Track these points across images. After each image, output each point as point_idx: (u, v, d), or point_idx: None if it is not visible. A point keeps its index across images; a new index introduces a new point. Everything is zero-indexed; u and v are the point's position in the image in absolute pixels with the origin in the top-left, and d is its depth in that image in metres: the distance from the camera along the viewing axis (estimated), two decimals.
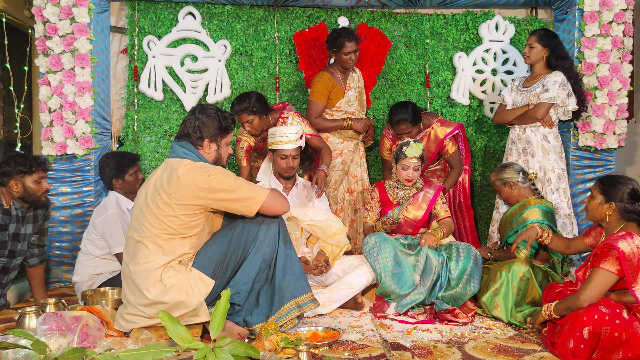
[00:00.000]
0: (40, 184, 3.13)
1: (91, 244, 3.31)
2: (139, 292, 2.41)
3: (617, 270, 2.30)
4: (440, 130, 3.85)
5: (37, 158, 3.16)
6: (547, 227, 3.07)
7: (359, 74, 4.04)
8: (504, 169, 3.29)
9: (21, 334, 1.87)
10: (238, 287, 2.55)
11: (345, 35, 3.74)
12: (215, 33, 4.26)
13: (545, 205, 3.16)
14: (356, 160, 3.96)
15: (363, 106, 4.03)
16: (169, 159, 2.54)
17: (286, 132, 3.29)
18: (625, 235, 2.32)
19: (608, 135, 4.02)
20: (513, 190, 3.23)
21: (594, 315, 2.22)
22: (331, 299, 3.03)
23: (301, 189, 3.50)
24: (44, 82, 3.80)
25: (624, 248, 2.28)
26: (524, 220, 3.12)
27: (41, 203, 3.20)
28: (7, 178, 3.06)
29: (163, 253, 2.42)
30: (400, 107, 3.74)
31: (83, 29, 3.77)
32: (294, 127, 3.34)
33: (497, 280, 2.95)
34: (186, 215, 2.42)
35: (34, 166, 3.10)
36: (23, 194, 3.10)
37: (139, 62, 4.21)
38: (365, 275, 3.13)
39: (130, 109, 4.23)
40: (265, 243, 2.55)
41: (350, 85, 3.92)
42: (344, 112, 3.92)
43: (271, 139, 3.34)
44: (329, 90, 3.84)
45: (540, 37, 3.66)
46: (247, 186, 2.48)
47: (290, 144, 3.29)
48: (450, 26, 4.40)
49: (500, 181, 3.26)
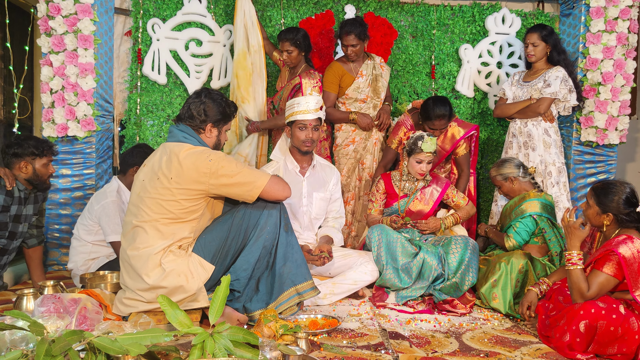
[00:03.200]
0: (48, 167, 3.13)
1: (84, 229, 3.28)
2: (138, 277, 2.40)
3: (617, 274, 2.31)
4: (457, 130, 3.77)
5: (47, 141, 3.15)
6: (545, 220, 3.10)
7: (377, 62, 3.95)
8: (503, 164, 3.30)
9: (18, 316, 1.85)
10: (238, 274, 2.54)
11: (345, 28, 3.71)
12: (220, 17, 4.23)
13: (545, 198, 3.17)
14: (368, 148, 3.94)
15: (378, 93, 3.92)
16: (168, 142, 2.53)
17: (305, 101, 3.11)
18: (625, 239, 2.32)
19: (610, 131, 4.03)
20: (514, 185, 3.25)
21: (591, 309, 2.23)
22: (333, 292, 3.02)
23: (318, 170, 3.34)
24: (46, 62, 3.78)
25: (624, 253, 2.29)
26: (522, 212, 3.15)
27: (46, 186, 3.20)
28: (17, 159, 3.04)
29: (162, 237, 2.41)
30: (440, 103, 3.59)
31: (87, 10, 3.74)
32: (314, 97, 3.19)
33: (496, 271, 2.97)
34: (186, 200, 2.41)
35: (46, 149, 3.10)
36: (31, 176, 3.09)
37: (143, 45, 4.19)
38: (371, 273, 3.09)
39: (133, 92, 4.22)
40: (266, 230, 2.54)
41: (363, 72, 3.87)
42: (354, 99, 3.89)
43: (289, 110, 3.16)
44: (339, 79, 3.84)
45: (542, 34, 3.67)
46: (248, 171, 2.47)
47: (310, 113, 3.10)
48: (457, 17, 4.38)
49: (501, 176, 3.28)
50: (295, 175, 3.26)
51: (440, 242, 3.22)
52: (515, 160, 3.32)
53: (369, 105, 3.91)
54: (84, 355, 1.75)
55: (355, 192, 3.95)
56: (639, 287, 2.27)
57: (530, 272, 2.96)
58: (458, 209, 3.44)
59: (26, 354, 1.72)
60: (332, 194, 3.33)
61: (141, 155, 3.21)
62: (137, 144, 3.57)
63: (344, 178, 3.91)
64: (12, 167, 3.06)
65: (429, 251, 3.11)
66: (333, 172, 3.37)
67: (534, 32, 3.70)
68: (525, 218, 3.14)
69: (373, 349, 2.29)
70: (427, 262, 3.07)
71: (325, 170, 3.36)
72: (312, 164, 3.30)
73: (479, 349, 2.33)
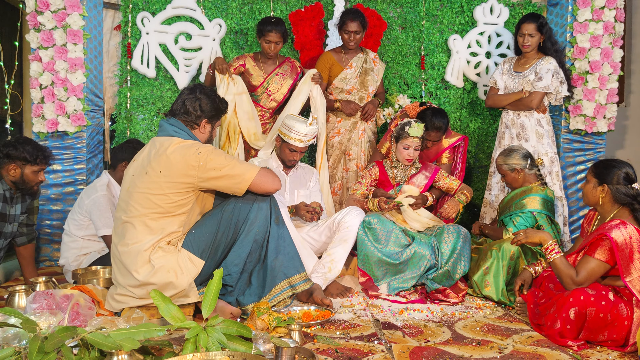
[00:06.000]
0: (38, 175, 3.07)
1: (74, 224, 3.25)
2: (128, 273, 2.40)
3: (609, 259, 2.32)
4: (444, 140, 3.77)
5: (44, 150, 3.09)
6: (545, 217, 3.10)
7: (370, 57, 3.99)
8: (511, 154, 3.25)
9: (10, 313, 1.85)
10: (229, 269, 2.54)
11: (350, 15, 3.78)
12: (210, 11, 4.21)
13: (547, 194, 3.17)
14: (353, 139, 3.96)
15: (366, 86, 3.96)
16: (157, 137, 2.52)
17: (302, 132, 3.18)
18: (619, 224, 2.33)
19: (598, 119, 4.05)
20: (519, 176, 3.22)
21: (580, 297, 2.25)
22: (333, 260, 3.01)
23: (300, 171, 3.47)
24: (35, 58, 3.75)
25: (617, 238, 2.29)
26: (523, 207, 3.14)
27: (32, 192, 3.16)
28: (8, 160, 2.99)
29: (151, 232, 2.41)
30: (439, 115, 3.59)
31: (75, 5, 3.71)
32: (311, 127, 3.21)
33: (488, 259, 2.99)
34: (175, 194, 2.41)
35: (40, 158, 3.04)
36: (18, 180, 3.04)
37: (133, 39, 4.16)
38: (358, 214, 3.13)
39: (123, 87, 4.20)
40: (257, 224, 2.54)
41: (352, 64, 3.92)
42: (341, 89, 3.93)
43: (285, 130, 3.23)
44: (328, 68, 3.90)
45: (540, 24, 3.64)
46: (237, 163, 2.46)
47: (303, 143, 3.22)
48: (445, 8, 4.38)
49: (507, 166, 3.23)
50: (279, 172, 3.36)
51: (433, 231, 3.24)
52: (523, 150, 3.27)
53: (354, 97, 3.95)
54: (77, 352, 1.76)
55: (343, 183, 3.98)
56: (630, 273, 2.27)
57: (522, 259, 2.98)
58: (452, 192, 3.45)
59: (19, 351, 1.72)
60: (311, 191, 3.43)
61: (131, 151, 3.20)
62: (128, 139, 3.55)
63: (330, 169, 3.95)
64: (1, 167, 3.02)
65: (422, 242, 3.12)
66: (312, 172, 3.52)
67: (531, 22, 3.65)
68: (526, 213, 3.13)
69: (366, 339, 2.30)
70: (418, 253, 3.08)
71: (306, 170, 3.50)
72: (297, 166, 3.44)
73: (472, 338, 2.35)
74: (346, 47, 3.90)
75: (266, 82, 3.87)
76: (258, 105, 3.91)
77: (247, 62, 3.86)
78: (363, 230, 3.12)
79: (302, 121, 3.21)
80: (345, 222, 3.11)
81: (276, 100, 3.92)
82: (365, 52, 3.99)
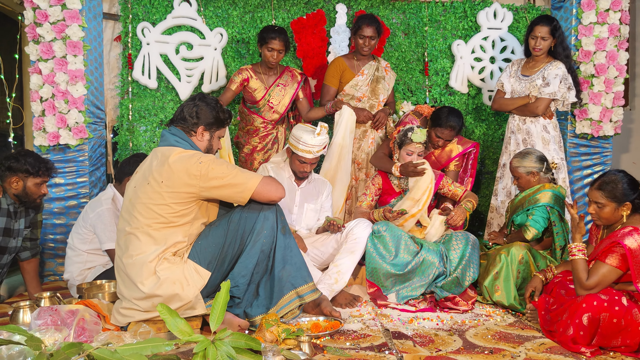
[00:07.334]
0: (40, 188, 3.05)
1: (78, 237, 3.22)
2: (133, 286, 2.37)
3: (621, 265, 2.30)
4: (456, 147, 3.73)
5: (47, 162, 3.07)
6: (556, 212, 3.07)
7: (382, 65, 3.97)
8: (526, 157, 3.19)
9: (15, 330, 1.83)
10: (237, 280, 2.51)
11: (365, 20, 3.76)
12: (211, 20, 4.20)
13: (559, 191, 3.14)
14: (363, 148, 3.92)
15: (376, 94, 3.92)
16: (159, 147, 2.51)
17: (310, 143, 3.14)
18: (631, 231, 2.31)
19: (605, 122, 4.03)
20: (534, 179, 3.18)
21: (593, 302, 2.23)
22: (340, 271, 2.98)
23: (312, 183, 3.42)
24: (35, 70, 3.73)
25: (630, 244, 2.28)
26: (536, 202, 3.10)
27: (35, 205, 3.14)
28: (10, 173, 2.98)
29: (155, 243, 2.38)
30: (455, 114, 3.58)
31: (75, 16, 3.70)
32: (320, 138, 3.16)
33: (497, 264, 2.96)
34: (177, 204, 2.38)
35: (42, 170, 3.02)
36: (20, 193, 3.02)
37: (133, 49, 4.15)
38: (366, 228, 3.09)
39: (125, 98, 4.18)
40: (263, 234, 2.50)
41: (364, 71, 3.89)
42: (352, 96, 3.90)
43: (293, 141, 3.19)
44: (340, 73, 3.88)
45: (554, 28, 3.58)
46: (238, 172, 2.43)
47: (312, 154, 3.17)
48: (448, 14, 4.37)
49: (523, 169, 3.17)
50: (291, 183, 3.32)
51: (441, 239, 3.21)
52: (538, 152, 3.22)
53: (365, 105, 3.91)
54: None
55: (352, 192, 3.93)
56: None
57: (531, 263, 2.95)
58: (458, 198, 3.41)
59: None
60: (322, 205, 3.39)
61: (138, 165, 3.17)
62: (135, 154, 3.53)
63: None
64: (3, 180, 3.00)
65: (430, 249, 3.09)
66: (325, 184, 3.46)
67: (545, 25, 3.57)
68: (540, 207, 3.08)
69: (377, 349, 2.26)
70: (427, 261, 3.05)
71: (318, 183, 3.44)
72: (309, 178, 3.39)
73: (483, 346, 2.31)
74: (359, 54, 3.87)
75: (268, 95, 3.83)
76: (260, 117, 3.88)
77: (249, 77, 3.81)
78: (372, 243, 3.08)
79: (310, 131, 3.17)
80: (354, 233, 3.08)
81: (278, 112, 3.88)
82: (377, 60, 3.97)
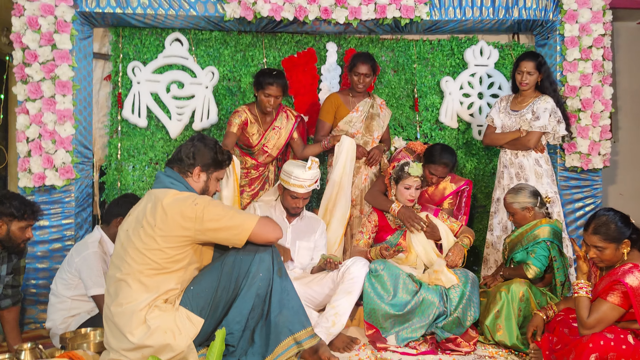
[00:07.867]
0: (25, 232, 2.92)
1: (62, 283, 3.10)
2: (122, 336, 2.26)
3: (623, 303, 2.29)
4: (450, 185, 3.75)
5: (32, 205, 2.94)
6: (556, 247, 3.07)
7: (377, 103, 3.98)
8: (519, 192, 3.19)
9: None
10: (231, 327, 2.40)
11: (361, 58, 3.78)
12: (202, 59, 4.19)
13: (556, 225, 3.14)
14: (357, 184, 3.90)
15: (371, 131, 3.92)
16: (153, 189, 2.44)
17: (301, 177, 3.15)
18: (631, 268, 2.31)
19: (593, 155, 4.09)
20: (529, 214, 3.17)
21: (600, 341, 2.21)
22: (337, 313, 2.87)
23: (305, 221, 3.39)
24: (22, 110, 3.65)
25: (632, 282, 2.27)
26: (535, 238, 3.09)
27: (18, 250, 3.01)
28: None
29: (146, 290, 2.28)
30: (448, 151, 3.61)
31: (65, 56, 3.65)
32: (311, 172, 3.18)
33: (498, 301, 2.92)
34: (171, 248, 2.30)
35: (27, 214, 2.89)
36: (4, 237, 2.88)
37: (123, 88, 4.10)
38: (363, 267, 3.01)
39: (114, 137, 4.11)
40: (259, 277, 2.42)
41: (359, 108, 3.89)
42: (345, 132, 3.87)
43: (285, 177, 3.21)
44: (334, 109, 3.87)
45: (539, 63, 3.65)
46: (234, 213, 2.37)
47: (304, 188, 3.18)
48: (436, 51, 4.44)
49: (518, 204, 3.17)
50: (282, 220, 3.29)
51: None
52: (530, 187, 3.24)
53: (359, 141, 3.89)
54: None
55: (347, 230, 3.86)
56: None
57: (532, 300, 2.92)
58: (454, 234, 3.38)
59: None
60: (316, 243, 3.34)
61: (127, 206, 3.04)
62: (124, 194, 3.44)
63: None
64: None
65: (430, 288, 3.03)
66: (319, 222, 3.43)
67: (530, 61, 3.64)
68: (540, 244, 3.07)
69: None
70: (427, 300, 2.99)
71: (312, 220, 3.41)
72: (301, 215, 3.36)
73: None
74: (354, 90, 3.88)
75: (264, 139, 3.76)
76: (253, 159, 3.83)
77: (248, 120, 3.71)
78: (369, 282, 3.00)
79: (300, 166, 3.18)
80: (350, 273, 3.00)
81: (272, 155, 3.85)
82: (373, 97, 3.98)
